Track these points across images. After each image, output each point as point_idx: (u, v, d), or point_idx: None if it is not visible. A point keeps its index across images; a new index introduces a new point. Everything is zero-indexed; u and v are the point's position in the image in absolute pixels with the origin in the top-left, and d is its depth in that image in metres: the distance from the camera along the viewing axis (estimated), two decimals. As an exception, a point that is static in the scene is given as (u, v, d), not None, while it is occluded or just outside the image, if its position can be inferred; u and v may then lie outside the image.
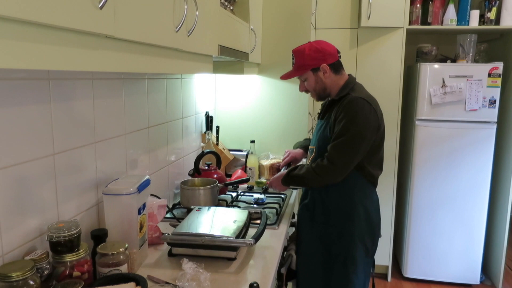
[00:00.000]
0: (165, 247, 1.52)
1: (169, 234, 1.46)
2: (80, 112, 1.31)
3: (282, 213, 1.95)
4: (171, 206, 2.01)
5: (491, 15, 2.93)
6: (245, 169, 2.57)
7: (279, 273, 1.83)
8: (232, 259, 1.45)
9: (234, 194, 2.23)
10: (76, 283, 1.05)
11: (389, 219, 3.22)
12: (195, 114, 2.43)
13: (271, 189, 2.16)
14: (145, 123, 1.76)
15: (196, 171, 2.12)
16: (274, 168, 2.53)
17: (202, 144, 2.54)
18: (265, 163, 2.53)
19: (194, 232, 1.44)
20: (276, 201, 2.10)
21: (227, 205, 2.02)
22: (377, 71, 3.07)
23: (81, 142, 1.32)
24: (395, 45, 3.03)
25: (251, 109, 2.77)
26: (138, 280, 1.15)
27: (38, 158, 1.13)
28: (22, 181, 1.08)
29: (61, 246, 1.09)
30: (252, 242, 1.40)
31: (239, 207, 1.96)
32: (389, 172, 3.16)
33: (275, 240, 1.67)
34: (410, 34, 3.22)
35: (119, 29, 0.87)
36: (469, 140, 2.98)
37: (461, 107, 2.95)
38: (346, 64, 3.09)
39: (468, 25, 2.94)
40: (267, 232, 1.72)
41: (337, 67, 1.84)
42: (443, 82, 2.93)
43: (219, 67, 2.29)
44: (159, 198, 1.64)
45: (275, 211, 1.95)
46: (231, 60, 2.16)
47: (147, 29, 1.00)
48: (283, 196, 2.19)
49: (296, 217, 2.36)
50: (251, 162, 2.51)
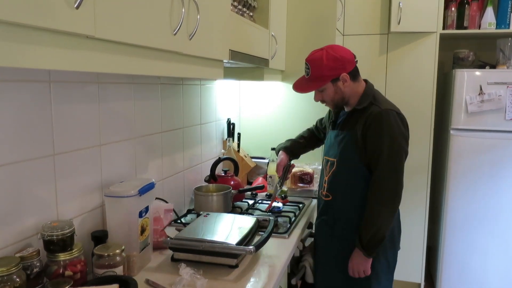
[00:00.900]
0: (170, 252, 1.51)
1: (171, 238, 1.45)
2: (84, 114, 1.34)
3: (295, 222, 1.89)
4: (185, 211, 2.02)
5: (535, 17, 2.73)
6: (266, 177, 2.54)
7: (290, 284, 1.77)
8: (233, 267, 1.41)
9: (251, 201, 2.20)
10: (65, 282, 1.06)
11: (422, 235, 3.04)
12: (216, 120, 2.43)
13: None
14: (157, 127, 1.78)
15: (212, 177, 2.11)
16: (296, 176, 2.48)
17: (223, 150, 2.53)
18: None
19: (195, 237, 1.43)
20: (292, 210, 2.04)
21: (241, 212, 1.99)
22: (409, 78, 2.94)
23: (84, 144, 1.34)
24: (427, 51, 2.89)
25: (275, 116, 2.74)
26: (129, 282, 1.14)
27: (37, 157, 1.16)
28: (19, 179, 1.11)
29: (53, 245, 1.10)
30: (252, 249, 1.36)
31: (252, 215, 1.92)
32: (421, 184, 3.00)
33: (283, 249, 1.62)
34: (445, 39, 3.06)
35: (100, 29, 0.87)
36: (509, 151, 2.77)
37: (501, 116, 2.75)
38: (375, 71, 3.02)
39: (508, 28, 2.76)
40: (276, 241, 1.68)
41: (355, 74, 1.71)
42: (481, 89, 2.75)
43: (238, 73, 2.28)
44: (166, 202, 1.64)
45: (288, 220, 1.89)
46: (250, 66, 2.15)
47: (135, 31, 1.00)
48: (300, 205, 2.13)
49: (314, 228, 2.29)
50: (272, 170, 2.47)
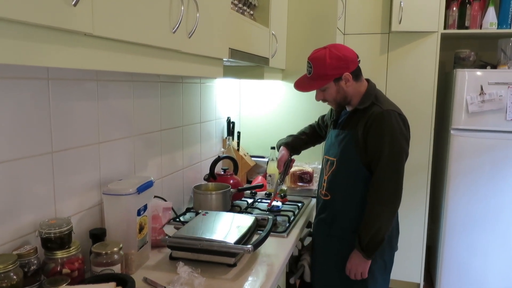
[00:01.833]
0: (169, 250, 1.51)
1: (170, 236, 1.45)
2: (83, 112, 1.33)
3: (294, 221, 1.89)
4: (184, 210, 2.02)
5: (537, 17, 2.72)
6: (266, 176, 2.53)
7: (288, 284, 1.76)
8: (231, 266, 1.41)
9: (250, 200, 2.20)
10: (62, 280, 1.06)
11: (422, 234, 3.04)
12: (216, 119, 2.43)
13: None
14: (157, 126, 1.78)
15: (211, 176, 2.11)
16: (296, 176, 2.47)
17: (222, 149, 2.53)
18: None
19: (193, 235, 1.43)
20: (291, 209, 2.04)
21: (240, 211, 1.99)
22: (409, 78, 2.94)
23: (83, 142, 1.34)
24: (428, 51, 2.88)
25: (274, 115, 2.74)
26: (126, 281, 1.14)
27: (35, 155, 1.16)
28: (17, 177, 1.11)
29: (51, 242, 1.10)
30: (250, 248, 1.36)
31: (251, 213, 1.92)
32: (421, 184, 2.99)
33: (281, 248, 1.61)
34: (446, 39, 3.06)
35: (98, 27, 0.87)
36: (510, 151, 2.76)
37: (502, 116, 2.74)
38: (376, 70, 3.00)
39: (510, 28, 2.75)
40: (275, 240, 1.67)
41: (357, 73, 1.70)
42: (481, 89, 2.74)
43: (238, 72, 2.28)
44: (165, 200, 1.64)
45: (287, 219, 1.89)
46: (250, 64, 2.14)
47: (134, 28, 1.00)
48: (299, 204, 2.13)
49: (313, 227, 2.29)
50: (271, 168, 2.47)
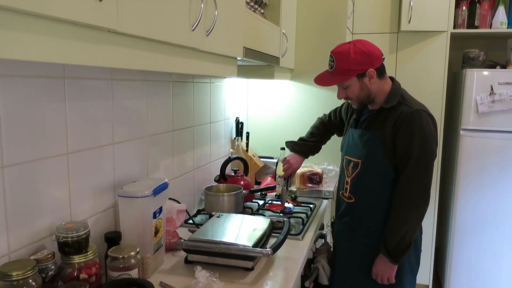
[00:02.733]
0: (183, 254, 1.48)
1: (185, 240, 1.41)
2: (98, 112, 1.30)
3: (308, 223, 1.86)
4: (195, 211, 1.98)
5: (547, 17, 2.70)
6: (275, 176, 2.50)
7: (303, 287, 1.73)
8: (249, 269, 1.38)
9: (261, 202, 2.17)
10: (80, 286, 1.03)
11: (430, 235, 3.01)
12: (225, 119, 2.40)
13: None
14: (169, 126, 1.74)
15: (222, 177, 2.08)
16: (305, 176, 2.44)
17: (231, 150, 2.50)
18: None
19: (210, 239, 1.39)
20: (303, 211, 2.01)
21: (252, 213, 1.96)
22: (419, 77, 2.91)
23: (97, 142, 1.30)
24: (438, 50, 2.85)
25: (284, 115, 2.71)
26: (145, 286, 1.11)
27: (51, 156, 1.13)
28: (33, 179, 1.07)
29: (68, 247, 1.07)
30: (269, 252, 1.32)
31: (264, 215, 1.88)
32: (430, 184, 2.96)
33: (297, 251, 1.58)
34: (455, 38, 3.03)
35: (122, 23, 0.84)
36: (521, 152, 2.74)
37: (512, 116, 2.72)
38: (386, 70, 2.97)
39: (520, 28, 2.73)
40: (290, 243, 1.64)
41: (382, 71, 1.64)
42: (491, 89, 2.72)
43: (248, 72, 2.25)
44: (179, 202, 1.61)
45: (301, 221, 1.86)
46: (261, 64, 2.11)
47: (156, 26, 0.96)
48: (311, 206, 2.10)
49: (325, 229, 2.26)
50: (281, 169, 2.43)
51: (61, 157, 1.16)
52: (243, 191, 1.96)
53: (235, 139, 2.48)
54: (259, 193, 2.25)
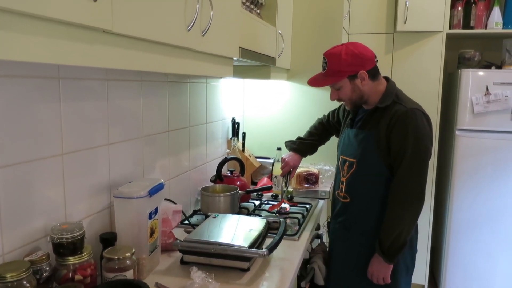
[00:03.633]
0: (179, 254, 1.47)
1: (181, 240, 1.41)
2: (93, 112, 1.29)
3: (304, 224, 1.86)
4: (191, 212, 1.98)
5: (542, 17, 2.71)
6: (271, 177, 2.50)
7: (299, 287, 1.73)
8: (245, 270, 1.38)
9: (257, 202, 2.17)
10: (75, 287, 1.03)
11: (426, 235, 3.02)
12: (221, 119, 2.39)
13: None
14: (164, 126, 1.74)
15: (218, 178, 2.07)
16: (301, 177, 2.44)
17: (227, 150, 2.49)
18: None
19: (206, 239, 1.39)
20: (300, 211, 2.01)
21: (248, 213, 1.96)
22: (414, 78, 2.92)
23: (93, 143, 1.30)
24: (434, 51, 2.86)
25: (280, 116, 2.71)
26: (141, 287, 1.10)
27: (46, 157, 1.12)
28: (27, 180, 1.07)
29: (63, 248, 1.06)
30: (265, 253, 1.32)
31: (260, 216, 1.88)
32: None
33: (294, 252, 1.58)
34: (451, 39, 3.04)
35: (117, 23, 0.83)
36: (516, 152, 2.75)
37: (507, 116, 2.73)
38: (381, 70, 2.93)
39: (515, 28, 2.74)
40: (286, 243, 1.64)
41: (374, 73, 1.65)
42: (487, 89, 2.73)
43: (244, 72, 2.24)
44: (175, 203, 1.60)
45: (297, 221, 1.86)
46: (257, 64, 2.11)
47: (151, 26, 0.96)
48: (307, 206, 2.10)
49: (321, 229, 2.26)
50: (277, 170, 2.43)
51: (56, 158, 1.15)
52: (239, 192, 1.96)
53: (231, 139, 2.48)
54: (255, 193, 2.24)
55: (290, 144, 2.06)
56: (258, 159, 2.63)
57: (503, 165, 2.78)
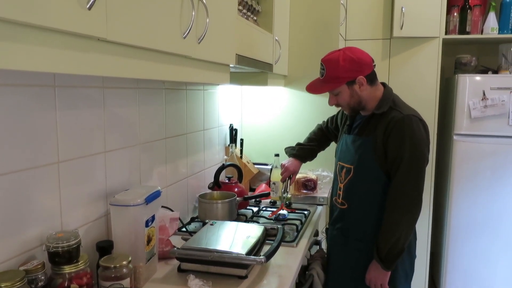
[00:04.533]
0: (176, 262, 1.47)
1: (178, 248, 1.40)
2: (89, 120, 1.29)
3: (302, 230, 1.85)
4: (189, 219, 1.97)
5: (537, 22, 2.73)
6: (269, 183, 2.49)
7: (298, 294, 1.72)
8: (243, 278, 1.37)
9: (255, 209, 2.16)
10: (71, 296, 1.02)
11: (425, 240, 3.01)
12: (219, 126, 2.39)
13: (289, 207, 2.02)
14: (162, 133, 1.74)
15: (216, 184, 2.07)
16: (300, 183, 2.44)
17: (225, 157, 2.49)
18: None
19: (203, 247, 1.38)
20: (298, 218, 2.00)
21: (246, 220, 1.95)
22: (411, 83, 2.93)
23: (89, 151, 1.30)
24: (430, 56, 2.87)
25: (277, 122, 2.71)
26: (137, 296, 1.09)
27: (42, 165, 1.12)
28: (23, 188, 1.06)
29: (59, 257, 1.05)
30: (263, 260, 1.32)
31: (258, 223, 1.88)
32: (424, 189, 2.95)
33: (292, 259, 1.57)
34: (447, 44, 3.06)
35: (112, 32, 0.83)
36: (513, 157, 2.75)
37: (504, 121, 2.74)
38: (378, 76, 2.98)
39: (511, 33, 2.75)
40: (284, 250, 1.63)
41: (372, 78, 1.65)
42: (484, 94, 2.73)
43: (241, 78, 2.25)
44: (172, 210, 1.60)
45: (295, 227, 1.85)
46: (254, 71, 2.11)
47: (146, 34, 0.96)
48: (306, 212, 2.09)
49: (320, 235, 2.25)
50: (275, 176, 2.42)
51: (52, 166, 1.15)
52: (237, 198, 1.95)
53: (229, 146, 2.48)
54: (254, 200, 2.24)
55: (289, 150, 2.07)
56: (256, 166, 2.62)
57: (501, 170, 2.78)
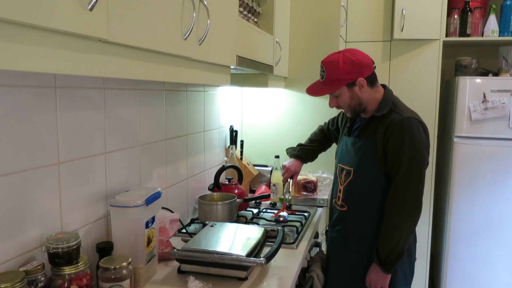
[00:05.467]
0: (176, 264, 1.47)
1: (178, 249, 1.40)
2: (90, 121, 1.29)
3: (302, 232, 1.85)
4: (189, 220, 1.97)
5: (538, 25, 2.73)
6: (269, 185, 2.49)
7: (298, 296, 1.72)
8: (242, 279, 1.37)
9: (255, 210, 2.16)
10: (71, 298, 1.01)
11: (425, 242, 3.01)
12: (219, 128, 2.39)
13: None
14: (162, 135, 1.74)
15: (216, 186, 2.07)
16: (300, 184, 2.44)
17: (225, 158, 2.49)
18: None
19: (203, 248, 1.38)
20: (298, 219, 2.00)
21: (246, 222, 1.94)
22: (412, 85, 2.93)
23: (89, 152, 1.29)
24: (431, 58, 2.88)
25: (278, 124, 2.71)
26: (137, 297, 1.09)
27: (42, 166, 1.11)
28: (23, 189, 1.06)
29: (58, 258, 1.05)
30: (263, 261, 1.31)
31: (258, 224, 1.88)
32: (425, 191, 2.94)
33: (292, 260, 1.57)
34: (447, 46, 3.06)
35: (113, 32, 0.84)
36: (514, 159, 2.75)
37: (505, 123, 2.74)
38: (378, 78, 2.98)
39: (511, 36, 2.75)
40: (284, 251, 1.63)
41: (373, 80, 1.65)
42: (484, 96, 2.73)
43: (242, 80, 2.25)
44: (172, 211, 1.59)
45: (295, 229, 1.85)
46: (254, 72, 2.11)
47: (147, 35, 0.96)
48: (306, 214, 2.09)
49: (320, 237, 2.25)
50: (275, 178, 2.42)
51: (52, 167, 1.15)
52: (237, 200, 1.95)
53: (229, 147, 2.48)
54: (254, 201, 2.24)
55: (290, 150, 2.08)
56: (256, 167, 2.62)
57: (502, 172, 2.78)
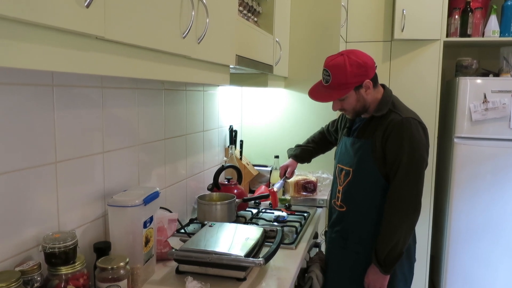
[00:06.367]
0: (174, 264, 1.45)
1: (176, 249, 1.39)
2: (88, 120, 1.28)
3: (302, 232, 1.84)
4: (188, 220, 1.96)
5: (539, 26, 2.72)
6: (269, 185, 2.48)
7: (297, 297, 1.71)
8: (241, 280, 1.36)
9: (255, 210, 2.15)
10: (67, 298, 1.01)
11: (425, 243, 3.00)
12: (218, 127, 2.38)
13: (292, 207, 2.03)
14: (161, 134, 1.73)
15: (215, 186, 2.06)
16: (299, 185, 2.43)
17: (225, 158, 2.48)
18: (290, 179, 2.43)
19: (201, 248, 1.37)
20: (297, 220, 1.99)
21: (246, 222, 1.94)
22: (412, 86, 2.92)
23: (87, 151, 1.29)
24: (431, 59, 2.87)
25: (277, 124, 2.70)
26: (134, 297, 1.08)
27: (39, 165, 1.10)
28: (20, 188, 1.05)
29: (55, 258, 1.04)
30: (261, 262, 1.30)
31: (257, 224, 1.87)
32: (424, 193, 2.90)
33: (291, 261, 1.56)
34: (448, 47, 3.05)
35: (110, 30, 0.83)
36: (514, 160, 2.74)
37: (505, 124, 2.73)
38: (378, 78, 2.98)
39: (512, 36, 2.75)
40: (283, 252, 1.62)
41: (375, 80, 1.62)
42: (485, 97, 2.73)
43: (241, 80, 2.24)
44: (170, 211, 1.58)
45: (294, 230, 1.84)
46: (254, 72, 2.11)
47: (145, 33, 0.95)
48: (305, 214, 2.08)
49: (319, 237, 2.24)
50: (275, 178, 2.42)
51: (50, 166, 1.14)
52: (237, 200, 1.94)
53: (228, 147, 2.47)
54: (253, 201, 2.23)
55: (288, 150, 2.11)
56: (255, 167, 2.61)
57: (502, 173, 2.77)
